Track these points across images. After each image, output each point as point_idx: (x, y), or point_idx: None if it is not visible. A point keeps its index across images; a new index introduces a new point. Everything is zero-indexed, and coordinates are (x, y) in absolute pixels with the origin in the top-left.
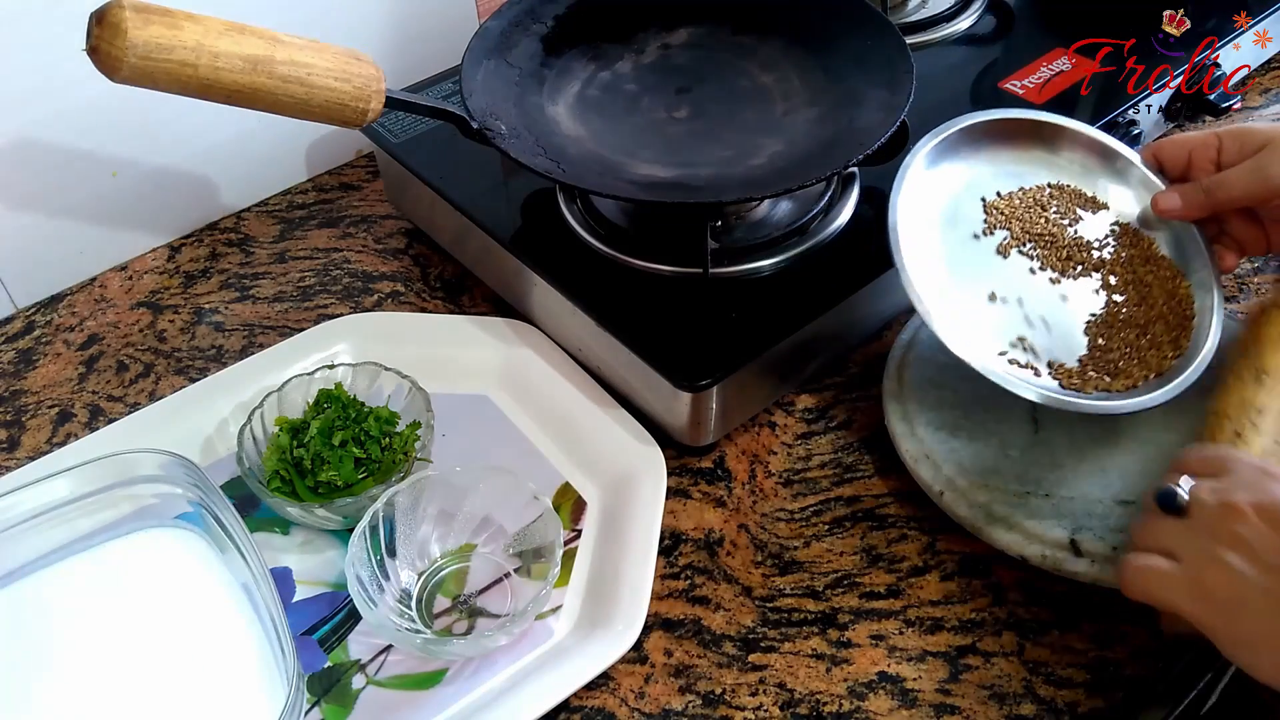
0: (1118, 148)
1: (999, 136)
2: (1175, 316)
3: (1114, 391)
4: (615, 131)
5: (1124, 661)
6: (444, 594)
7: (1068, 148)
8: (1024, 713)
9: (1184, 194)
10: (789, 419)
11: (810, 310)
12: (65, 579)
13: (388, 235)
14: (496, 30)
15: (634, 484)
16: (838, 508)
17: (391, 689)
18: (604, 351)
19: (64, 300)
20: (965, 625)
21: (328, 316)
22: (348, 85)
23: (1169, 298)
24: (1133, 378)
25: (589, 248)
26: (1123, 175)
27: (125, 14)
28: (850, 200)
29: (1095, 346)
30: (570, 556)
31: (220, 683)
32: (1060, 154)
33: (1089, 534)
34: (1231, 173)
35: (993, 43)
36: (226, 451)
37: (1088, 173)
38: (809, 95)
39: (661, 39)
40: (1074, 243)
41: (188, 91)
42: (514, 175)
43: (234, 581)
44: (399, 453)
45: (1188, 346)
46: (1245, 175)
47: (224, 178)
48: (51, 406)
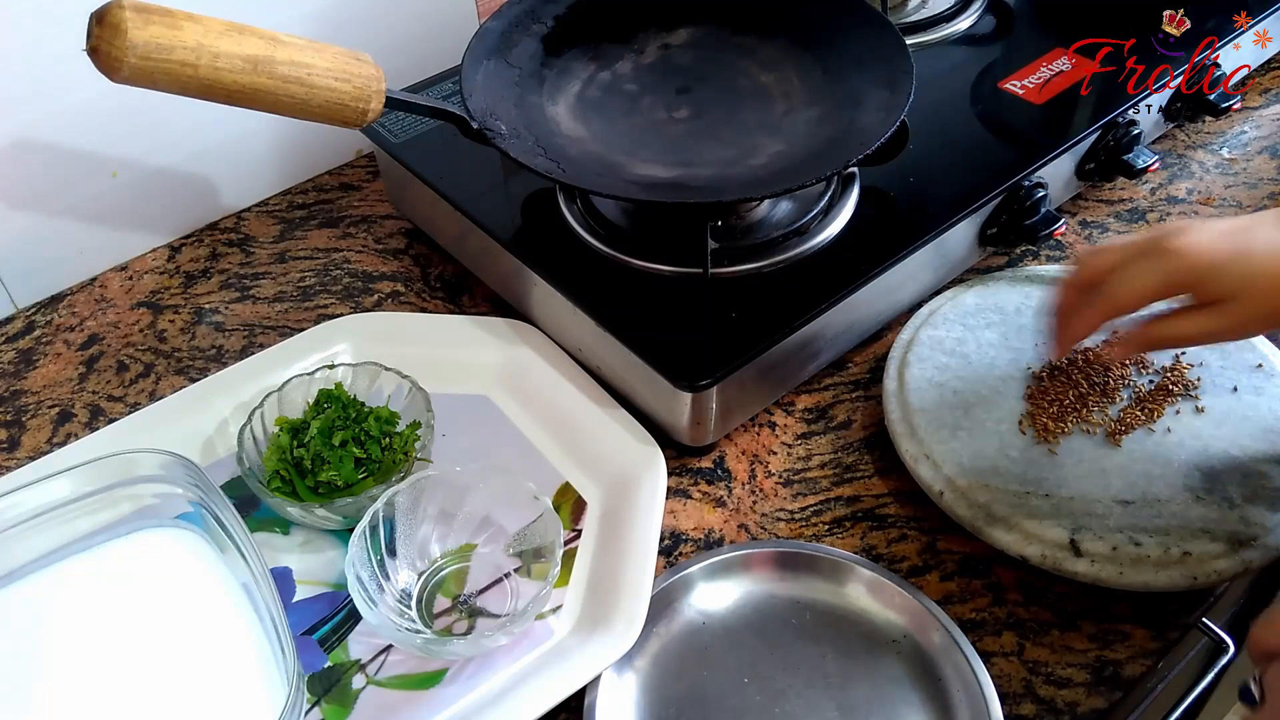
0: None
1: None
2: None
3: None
4: (615, 131)
5: (1124, 661)
6: (444, 594)
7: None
8: (1024, 713)
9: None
10: (789, 419)
11: (810, 310)
12: (65, 579)
13: (388, 235)
14: (496, 30)
15: (634, 484)
16: (838, 508)
17: (391, 689)
18: (604, 351)
19: (64, 300)
20: (965, 625)
21: (328, 316)
22: (348, 85)
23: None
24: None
25: (589, 248)
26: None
27: (125, 14)
28: (850, 200)
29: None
30: (570, 556)
31: (220, 683)
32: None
33: (1089, 534)
34: (1181, 329)
35: (993, 43)
36: (226, 451)
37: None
38: (809, 95)
39: (661, 39)
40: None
41: (188, 92)
42: (514, 175)
43: (234, 581)
44: (399, 453)
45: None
46: (1196, 331)
47: (224, 178)
48: (52, 406)
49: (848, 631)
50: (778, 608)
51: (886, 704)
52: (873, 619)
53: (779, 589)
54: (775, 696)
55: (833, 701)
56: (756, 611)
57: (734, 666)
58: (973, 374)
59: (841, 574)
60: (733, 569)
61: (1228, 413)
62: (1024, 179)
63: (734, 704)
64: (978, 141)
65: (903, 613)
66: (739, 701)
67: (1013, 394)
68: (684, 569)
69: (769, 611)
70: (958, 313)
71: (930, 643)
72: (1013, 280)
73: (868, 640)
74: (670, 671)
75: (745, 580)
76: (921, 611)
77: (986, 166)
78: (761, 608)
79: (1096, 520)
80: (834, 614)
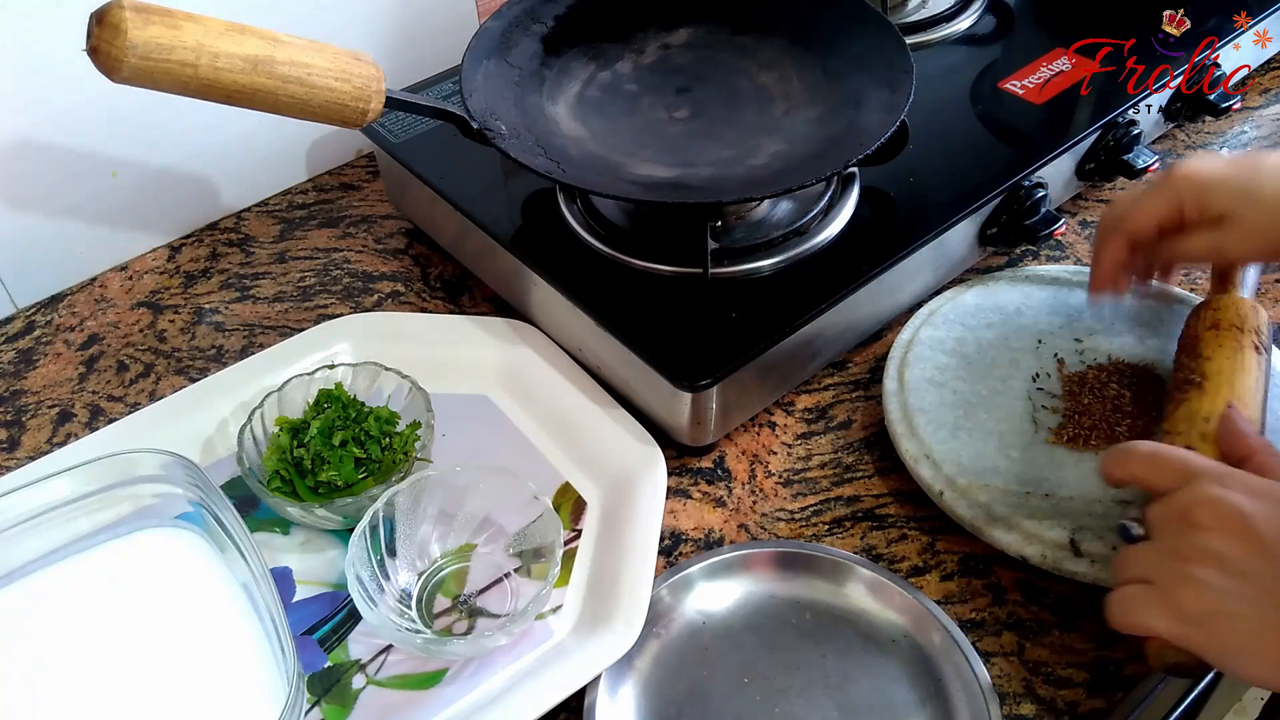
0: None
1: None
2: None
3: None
4: (615, 131)
5: (1124, 661)
6: (444, 594)
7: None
8: (1024, 713)
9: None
10: (789, 419)
11: (810, 310)
12: (65, 579)
13: (388, 235)
14: (496, 30)
15: (634, 484)
16: (838, 508)
17: (391, 689)
18: (604, 351)
19: (64, 300)
20: (965, 625)
21: (328, 316)
22: (348, 85)
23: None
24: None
25: (589, 248)
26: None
27: (125, 14)
28: (850, 200)
29: None
30: (570, 556)
31: (220, 683)
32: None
33: (1089, 534)
34: (1189, 245)
35: (993, 43)
36: (226, 451)
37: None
38: (809, 95)
39: (661, 39)
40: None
41: (188, 92)
42: (514, 175)
43: (234, 581)
44: (399, 453)
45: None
46: (1203, 247)
47: (224, 178)
48: (52, 406)
49: (848, 631)
50: (778, 608)
51: (886, 704)
52: (873, 619)
53: (779, 589)
54: (775, 696)
55: (833, 701)
56: (756, 611)
57: (734, 666)
58: (973, 374)
59: (841, 574)
60: (733, 569)
61: None
62: (1024, 179)
63: (734, 704)
64: (978, 141)
65: (903, 613)
66: (739, 701)
67: (1013, 394)
68: (684, 569)
69: (769, 611)
70: (958, 313)
71: (930, 643)
72: (1013, 280)
73: (868, 640)
74: (670, 671)
75: (745, 580)
76: (921, 611)
77: (986, 166)
78: (761, 608)
79: (1096, 520)
80: (834, 614)
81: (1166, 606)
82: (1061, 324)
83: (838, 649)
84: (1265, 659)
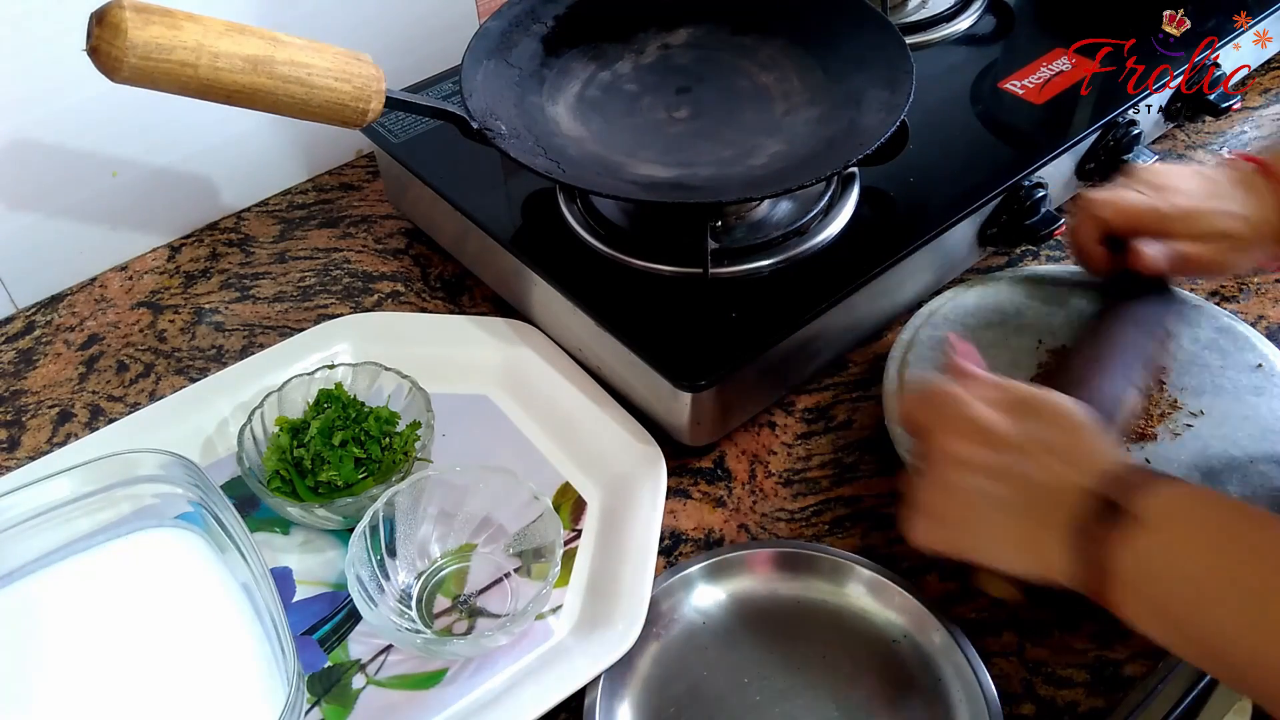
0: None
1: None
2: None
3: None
4: (615, 131)
5: (1124, 661)
6: (444, 594)
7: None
8: (1024, 713)
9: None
10: (789, 419)
11: (810, 310)
12: (65, 579)
13: (388, 235)
14: (496, 30)
15: (634, 484)
16: (838, 508)
17: (391, 689)
18: (604, 351)
19: (64, 300)
20: (965, 625)
21: (328, 316)
22: (348, 85)
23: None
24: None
25: (589, 248)
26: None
27: (125, 14)
28: (850, 200)
29: None
30: (570, 556)
31: (220, 683)
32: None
33: None
34: (1201, 256)
35: (993, 43)
36: (226, 451)
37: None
38: (809, 95)
39: (661, 39)
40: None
41: (188, 92)
42: (514, 175)
43: (234, 581)
44: (399, 453)
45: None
46: (1215, 258)
47: (224, 178)
48: (52, 406)
49: (848, 631)
50: (778, 608)
51: (886, 704)
52: (873, 619)
53: (779, 589)
54: (775, 696)
55: (833, 701)
56: (757, 611)
57: (734, 666)
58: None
59: (841, 574)
60: (733, 569)
61: (1227, 413)
62: (1024, 179)
63: (734, 704)
64: (978, 141)
65: (903, 613)
66: (739, 701)
67: None
68: (684, 569)
69: (769, 611)
70: (958, 313)
71: (930, 643)
72: (1013, 280)
73: (868, 640)
74: (670, 671)
75: (745, 580)
76: (921, 611)
77: (986, 166)
78: (761, 608)
79: None
80: (834, 614)
81: (933, 521)
82: (1061, 324)
83: (838, 649)
84: (1018, 547)
